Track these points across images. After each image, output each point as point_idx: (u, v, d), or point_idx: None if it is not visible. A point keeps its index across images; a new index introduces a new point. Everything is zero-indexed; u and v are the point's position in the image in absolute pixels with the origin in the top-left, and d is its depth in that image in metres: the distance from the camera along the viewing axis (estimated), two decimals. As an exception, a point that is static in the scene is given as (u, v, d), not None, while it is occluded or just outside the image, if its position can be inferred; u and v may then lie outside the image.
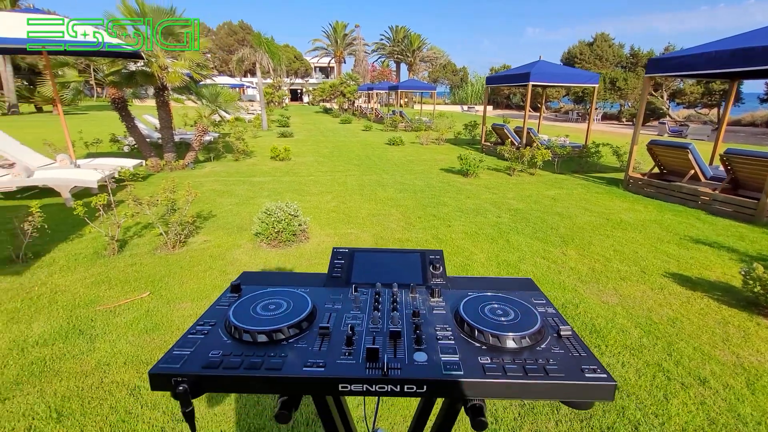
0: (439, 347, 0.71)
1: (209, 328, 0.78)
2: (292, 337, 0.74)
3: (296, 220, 4.33)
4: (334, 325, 0.78)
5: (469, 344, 0.73)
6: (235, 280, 0.97)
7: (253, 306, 0.82)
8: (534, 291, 0.97)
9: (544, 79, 10.35)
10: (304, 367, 0.65)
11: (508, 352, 0.71)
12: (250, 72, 39.61)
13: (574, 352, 0.71)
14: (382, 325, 0.78)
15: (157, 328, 2.77)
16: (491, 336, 0.73)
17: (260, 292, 0.89)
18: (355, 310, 0.85)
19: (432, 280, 0.99)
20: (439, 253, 1.06)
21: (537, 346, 0.73)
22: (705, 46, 6.15)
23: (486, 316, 0.79)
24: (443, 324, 0.79)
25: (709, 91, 24.16)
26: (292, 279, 1.04)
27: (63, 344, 2.57)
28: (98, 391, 2.18)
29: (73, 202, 5.51)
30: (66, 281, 3.42)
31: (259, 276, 1.05)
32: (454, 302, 0.88)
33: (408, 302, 0.88)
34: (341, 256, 1.06)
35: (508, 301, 0.86)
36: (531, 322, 0.77)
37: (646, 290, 3.54)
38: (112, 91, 7.59)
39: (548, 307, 0.89)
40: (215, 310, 0.85)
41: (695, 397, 2.26)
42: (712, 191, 5.98)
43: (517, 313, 0.81)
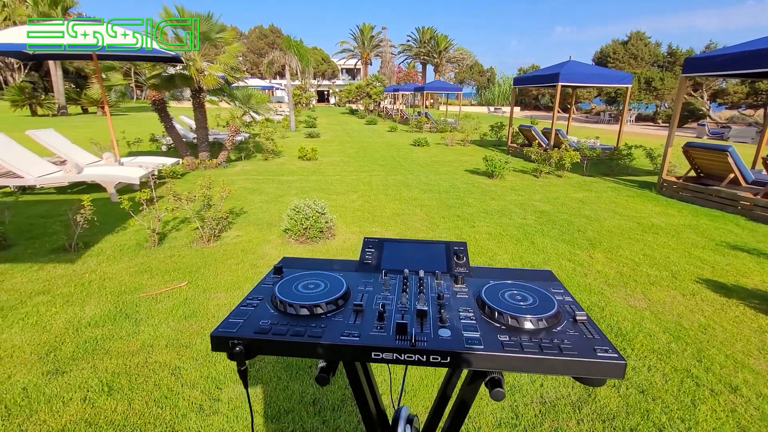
0: (462, 325, 0.79)
1: (258, 302, 0.89)
2: (329, 312, 0.84)
3: (323, 218, 4.48)
4: (367, 304, 0.88)
5: (489, 324, 0.80)
6: (278, 264, 1.08)
7: (295, 285, 0.93)
8: (553, 281, 1.03)
9: (573, 79, 10.13)
10: (342, 336, 0.75)
11: (526, 332, 0.78)
12: (280, 74, 40.59)
13: (588, 335, 0.77)
14: (410, 305, 0.87)
15: (195, 315, 2.96)
16: (510, 317, 0.80)
17: (300, 274, 0.99)
18: (385, 292, 0.93)
19: (456, 269, 1.06)
20: (462, 245, 1.13)
21: (553, 329, 0.79)
22: (749, 44, 5.88)
23: (506, 301, 0.86)
24: (466, 306, 0.87)
25: (755, 90, 22.84)
26: (328, 264, 1.14)
27: (112, 326, 2.80)
28: (143, 369, 2.36)
29: (117, 197, 5.89)
30: (113, 269, 3.69)
31: (298, 261, 1.16)
32: (476, 289, 0.96)
33: (433, 287, 0.96)
34: (372, 245, 1.15)
35: (527, 289, 0.93)
36: (548, 307, 0.84)
37: (677, 296, 3.45)
38: (152, 93, 8.03)
39: (566, 295, 0.95)
40: (261, 288, 0.96)
41: (725, 404, 2.22)
42: (754, 196, 5.71)
43: (536, 298, 0.87)
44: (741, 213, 5.77)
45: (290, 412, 2.07)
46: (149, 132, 11.65)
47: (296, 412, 2.07)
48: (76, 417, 2.00)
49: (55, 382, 2.23)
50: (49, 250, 4.06)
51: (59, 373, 2.31)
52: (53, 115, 24.62)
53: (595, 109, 36.91)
